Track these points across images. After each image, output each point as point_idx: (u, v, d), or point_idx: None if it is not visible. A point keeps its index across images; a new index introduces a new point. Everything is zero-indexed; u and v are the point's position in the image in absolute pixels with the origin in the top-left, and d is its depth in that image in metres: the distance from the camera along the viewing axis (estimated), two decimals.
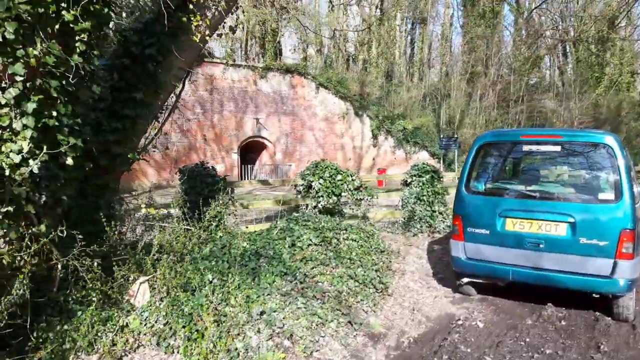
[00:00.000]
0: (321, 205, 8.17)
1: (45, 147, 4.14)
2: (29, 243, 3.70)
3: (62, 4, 4.09)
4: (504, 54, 29.75)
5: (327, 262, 5.84)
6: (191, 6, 5.74)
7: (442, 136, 25.32)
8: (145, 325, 4.62)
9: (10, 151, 4.03)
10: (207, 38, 5.78)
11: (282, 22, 27.62)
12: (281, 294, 4.78)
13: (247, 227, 7.44)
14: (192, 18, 5.78)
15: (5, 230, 3.82)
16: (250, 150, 27.08)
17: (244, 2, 29.51)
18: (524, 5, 37.54)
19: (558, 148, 5.44)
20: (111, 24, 4.84)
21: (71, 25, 4.18)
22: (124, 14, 6.54)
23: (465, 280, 5.88)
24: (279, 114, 26.16)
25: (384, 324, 5.03)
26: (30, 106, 4.03)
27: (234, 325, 4.23)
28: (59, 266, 4.58)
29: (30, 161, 4.09)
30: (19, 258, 3.61)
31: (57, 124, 4.25)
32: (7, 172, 4.04)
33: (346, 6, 30.25)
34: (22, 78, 3.94)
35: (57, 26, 4.13)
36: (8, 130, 4.05)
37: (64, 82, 4.20)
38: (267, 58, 27.16)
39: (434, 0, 34.02)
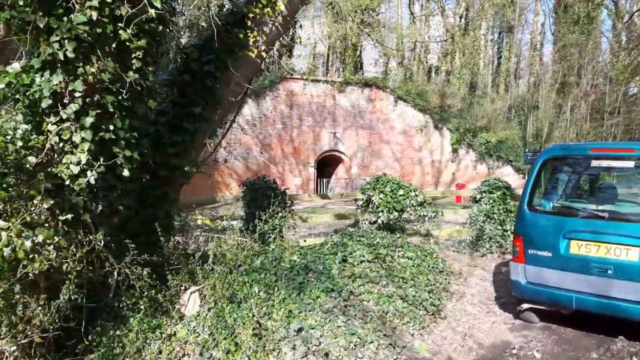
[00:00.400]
0: (381, 220, 8.00)
1: (102, 159, 4.41)
2: (74, 250, 3.91)
3: (119, 24, 4.36)
4: (599, 62, 27.65)
5: (377, 280, 5.67)
6: (249, 22, 5.91)
7: (527, 150, 23.98)
8: (191, 335, 4.73)
9: (70, 163, 4.34)
10: (263, 54, 5.88)
11: (363, 36, 27.69)
12: (323, 311, 4.70)
13: (304, 241, 7.45)
14: (250, 34, 5.94)
15: (60, 237, 4.10)
16: (327, 164, 27.29)
17: (326, 17, 30.12)
18: (624, 9, 34.90)
19: (631, 164, 4.92)
20: (168, 41, 5.08)
21: (127, 43, 4.43)
22: (182, 32, 6.84)
23: (526, 306, 5.45)
24: (356, 128, 26.17)
25: (430, 349, 4.77)
26: (89, 120, 4.32)
27: (271, 341, 4.21)
28: (115, 273, 4.83)
29: (88, 172, 4.37)
30: (66, 264, 3.82)
31: (113, 137, 4.52)
32: (66, 182, 4.35)
33: (428, 17, 29.81)
34: (80, 94, 4.24)
35: (114, 45, 4.40)
36: (69, 143, 4.37)
37: (119, 97, 4.47)
38: (347, 72, 27.34)
39: (522, 8, 32.61)
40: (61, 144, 4.32)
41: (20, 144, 4.03)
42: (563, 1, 31.50)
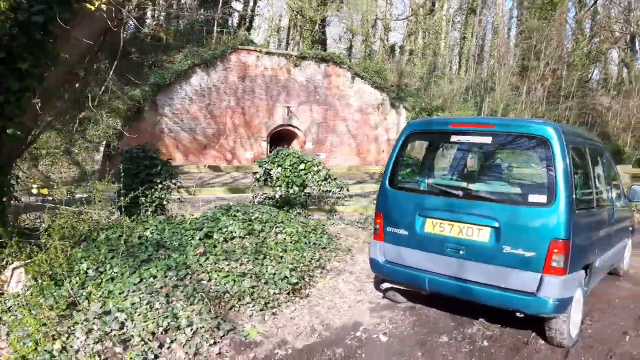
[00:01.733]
0: (279, 195, 7.55)
1: None
2: None
3: None
4: (556, 47, 27.47)
5: (238, 258, 5.24)
6: None
7: None
8: (6, 314, 4.24)
9: None
10: (104, 6, 5.22)
11: (323, 11, 26.85)
12: (148, 292, 4.24)
13: (191, 215, 6.96)
14: None
15: None
16: (282, 139, 26.69)
17: None
18: None
19: (489, 139, 4.53)
20: None
21: None
22: None
23: (386, 285, 5.10)
24: (311, 103, 25.56)
25: (266, 332, 4.37)
26: None
27: (69, 324, 3.74)
28: None
29: None
30: None
31: None
32: None
33: None
34: None
35: None
36: None
37: None
38: (305, 47, 26.59)
39: None
40: None
41: None
42: None
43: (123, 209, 6.43)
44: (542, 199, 4.13)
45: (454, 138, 4.72)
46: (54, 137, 17.32)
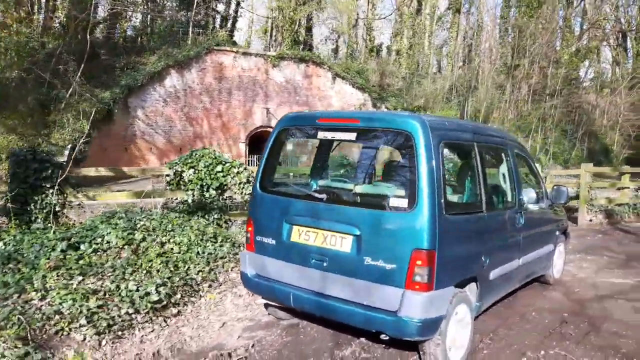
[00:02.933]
0: (191, 200, 6.95)
1: None
2: None
3: None
4: (542, 45, 26.73)
5: (98, 272, 4.64)
6: None
7: None
8: None
9: None
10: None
11: (301, 10, 26.28)
12: None
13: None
14: None
15: None
16: (262, 141, 26.14)
17: None
18: None
19: (353, 136, 3.92)
20: None
21: None
22: None
23: (261, 301, 4.49)
24: (291, 104, 24.95)
25: (99, 358, 3.77)
26: None
27: None
28: None
29: None
30: None
31: None
32: None
33: None
34: None
35: None
36: None
37: None
38: (285, 47, 26.01)
39: None
40: None
41: None
42: None
43: (12, 217, 5.87)
44: (403, 202, 3.50)
45: (321, 134, 4.09)
46: (15, 140, 16.80)
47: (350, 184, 4.24)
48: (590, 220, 10.41)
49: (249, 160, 24.43)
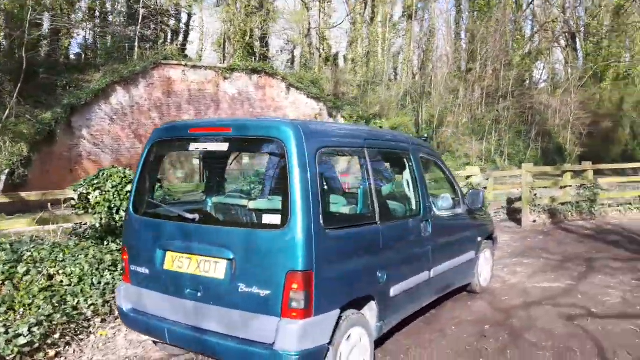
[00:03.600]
0: (99, 224, 6.41)
1: None
2: None
3: None
4: (493, 47, 27.08)
5: None
6: None
7: (411, 136, 23.05)
8: None
9: None
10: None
11: (251, 21, 25.96)
12: None
13: None
14: None
15: None
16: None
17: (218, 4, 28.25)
18: None
19: (225, 146, 3.52)
20: None
21: None
22: None
23: (144, 337, 4.02)
24: (245, 116, 24.53)
25: None
26: None
27: None
28: None
29: None
30: None
31: None
32: None
33: (324, 3, 28.31)
34: None
35: None
36: None
37: None
38: (237, 58, 25.58)
39: None
40: None
41: None
42: None
43: None
44: (276, 219, 3.11)
45: (193, 146, 3.68)
46: None
47: (222, 201, 3.83)
48: (534, 221, 10.26)
49: (204, 176, 23.82)
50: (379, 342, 4.27)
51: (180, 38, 30.02)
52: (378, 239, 3.70)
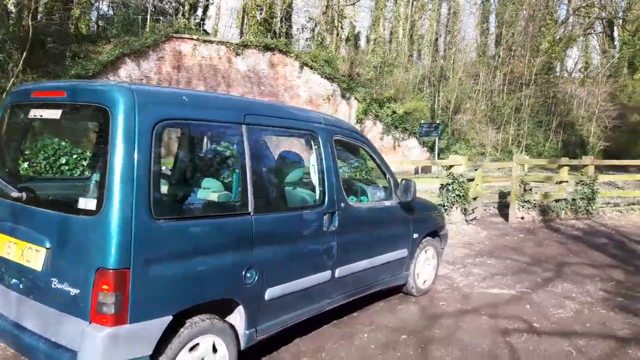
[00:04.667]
0: None
1: None
2: None
3: None
4: (517, 32, 25.66)
5: None
6: None
7: (422, 122, 22.19)
8: None
9: None
10: None
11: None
12: None
13: None
14: None
15: None
16: None
17: None
18: None
19: (58, 113, 3.02)
20: None
21: None
22: None
23: None
24: (255, 94, 24.03)
25: None
26: None
27: None
28: None
29: None
30: None
31: None
32: None
33: None
34: None
35: None
36: None
37: None
38: (251, 35, 25.04)
39: None
40: None
41: None
42: None
43: None
44: (92, 204, 2.63)
45: (32, 112, 3.19)
46: None
47: (47, 177, 3.36)
48: (522, 218, 9.51)
49: None
50: (274, 346, 3.82)
51: (199, 12, 29.63)
52: (248, 232, 3.18)
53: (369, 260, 4.24)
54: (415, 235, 4.87)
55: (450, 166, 9.04)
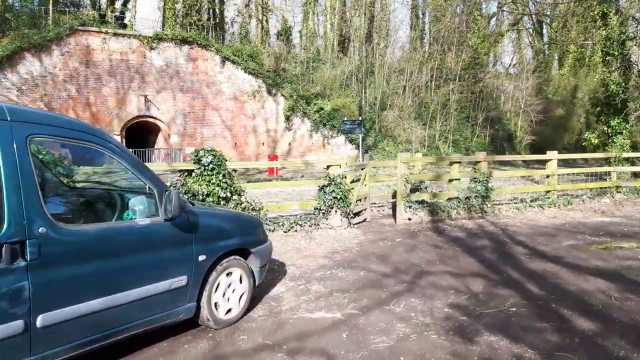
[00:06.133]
0: None
1: None
2: None
3: None
4: (443, 27, 25.38)
5: None
6: None
7: (345, 119, 21.51)
8: None
9: None
10: None
11: None
12: None
13: None
14: None
15: None
16: (147, 132, 23.82)
17: None
18: None
19: None
20: None
21: None
22: None
23: None
24: (173, 90, 22.74)
25: None
26: None
27: None
28: None
29: None
30: None
31: None
32: None
33: None
34: None
35: None
36: None
37: None
38: (167, 27, 23.67)
39: None
40: None
41: None
42: None
43: None
44: None
45: None
46: None
47: None
48: (409, 219, 8.82)
49: None
50: None
51: (118, 5, 27.91)
52: None
53: (107, 298, 3.25)
54: (202, 258, 3.93)
55: (328, 166, 8.22)
